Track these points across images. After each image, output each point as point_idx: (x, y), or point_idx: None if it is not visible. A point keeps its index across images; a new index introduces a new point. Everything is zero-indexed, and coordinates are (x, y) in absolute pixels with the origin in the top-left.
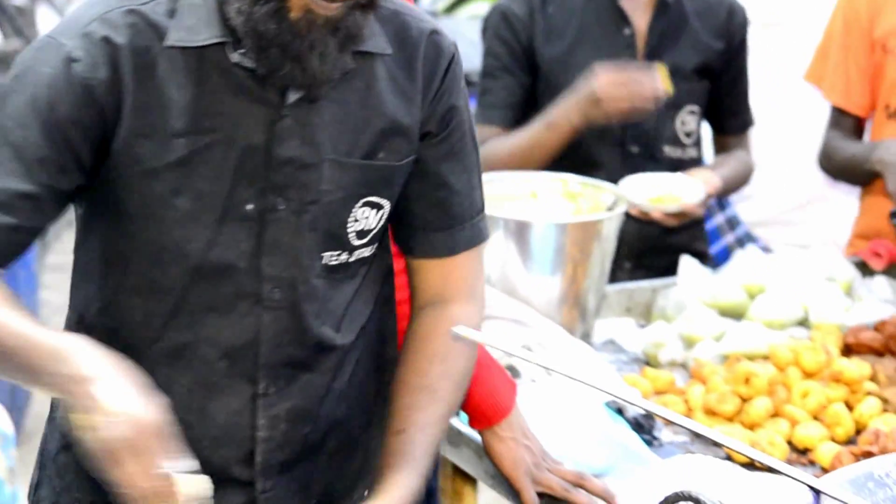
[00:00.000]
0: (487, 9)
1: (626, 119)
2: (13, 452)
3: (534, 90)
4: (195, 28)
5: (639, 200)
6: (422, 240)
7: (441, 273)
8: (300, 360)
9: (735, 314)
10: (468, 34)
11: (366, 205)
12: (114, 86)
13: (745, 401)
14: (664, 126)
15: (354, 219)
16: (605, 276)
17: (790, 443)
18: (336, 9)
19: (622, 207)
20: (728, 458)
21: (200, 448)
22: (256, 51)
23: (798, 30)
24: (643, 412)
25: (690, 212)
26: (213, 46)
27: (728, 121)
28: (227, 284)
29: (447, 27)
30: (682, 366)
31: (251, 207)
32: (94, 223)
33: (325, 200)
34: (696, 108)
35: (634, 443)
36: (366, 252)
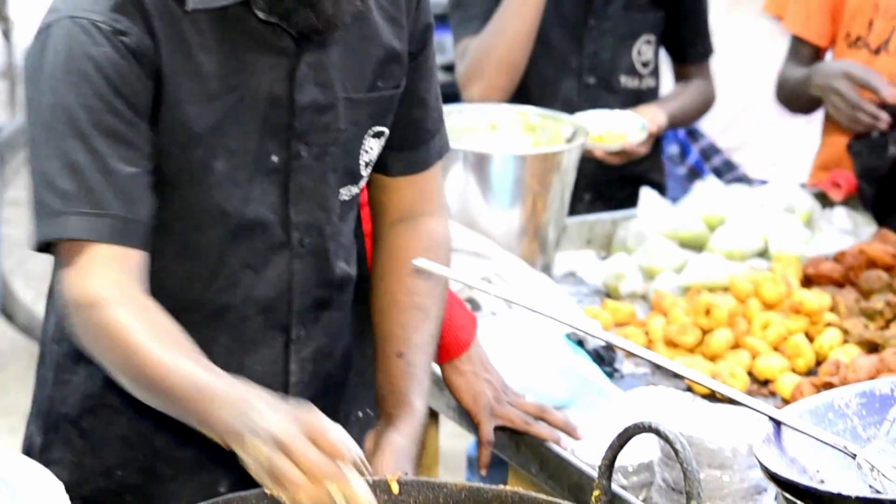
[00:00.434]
0: None
1: None
2: None
3: None
4: None
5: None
6: (400, 158)
7: (415, 188)
8: (325, 300)
9: (695, 246)
10: None
11: (373, 135)
12: (157, 54)
13: (706, 332)
14: (620, 56)
15: (365, 151)
16: (565, 209)
17: (751, 374)
18: None
19: (581, 139)
20: (689, 390)
21: None
22: (272, 1)
23: None
24: (604, 344)
25: (632, 151)
26: (233, 7)
27: (687, 49)
28: (261, 239)
29: None
30: (643, 297)
31: (276, 159)
32: None
33: (342, 139)
34: (653, 38)
35: (595, 375)
36: (364, 182)
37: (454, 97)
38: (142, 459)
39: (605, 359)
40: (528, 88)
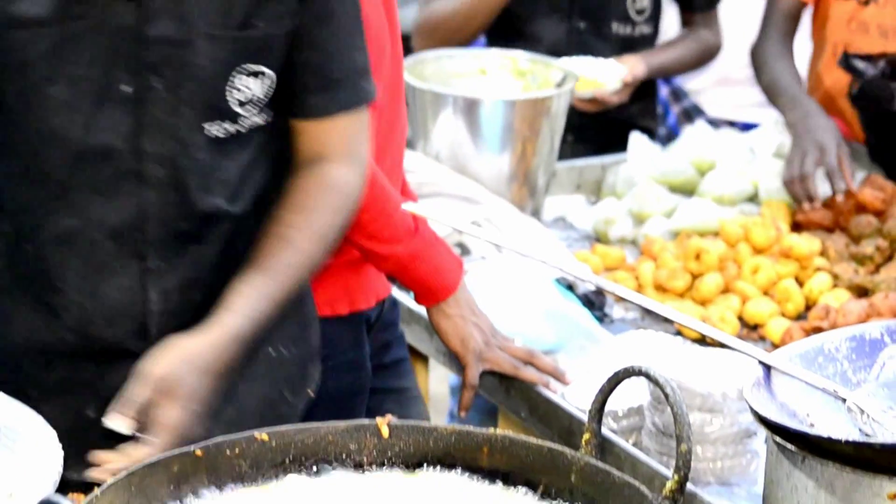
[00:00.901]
0: None
1: None
2: None
3: None
4: None
5: None
6: (299, 102)
7: (318, 134)
8: (188, 233)
9: (685, 190)
10: None
11: (249, 74)
12: None
13: (696, 277)
14: (613, 2)
15: (235, 88)
16: (555, 154)
17: (741, 318)
18: None
19: (571, 84)
20: (679, 334)
21: (94, 326)
22: None
23: None
24: (594, 288)
25: (603, 99)
26: None
27: None
28: (109, 166)
29: None
30: (633, 242)
31: (127, 88)
32: None
33: (201, 75)
34: None
35: (585, 319)
36: (258, 120)
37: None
38: (9, 382)
39: (595, 303)
40: (518, 31)
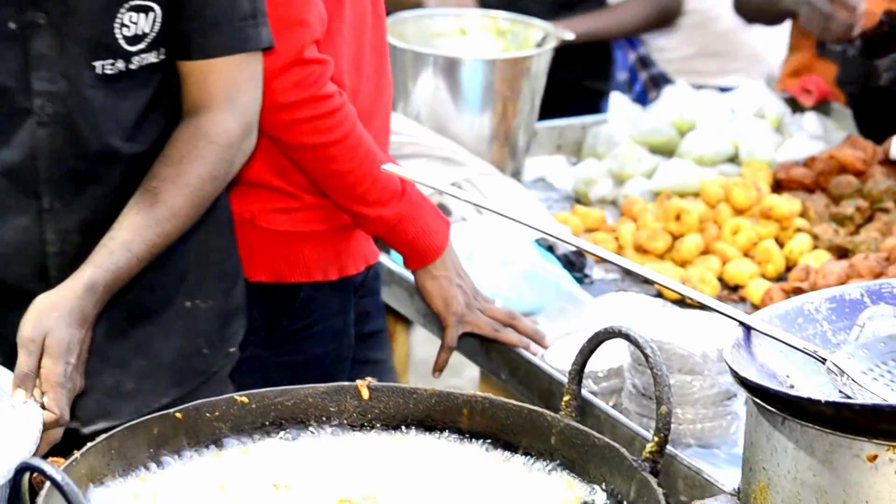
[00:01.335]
0: None
1: None
2: None
3: None
4: None
5: None
6: (183, 42)
7: (199, 79)
8: (83, 173)
9: (665, 151)
10: None
11: (132, 9)
12: None
13: (676, 238)
14: None
15: (122, 24)
16: (535, 114)
17: (721, 279)
18: None
19: (551, 44)
20: (659, 296)
21: None
22: None
23: None
24: (574, 250)
25: None
26: None
27: None
28: (2, 104)
29: None
30: (613, 203)
31: (13, 25)
32: None
33: (85, 10)
34: None
35: (565, 281)
36: (150, 58)
37: None
38: None
39: (576, 264)
40: None
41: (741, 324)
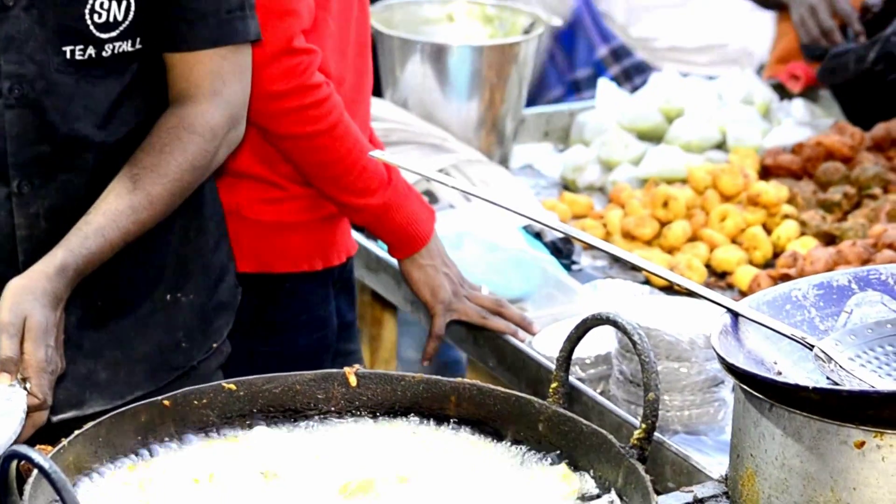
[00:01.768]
0: None
1: None
2: None
3: None
4: None
5: None
6: (167, 33)
7: (184, 70)
8: (52, 158)
9: (653, 137)
10: None
11: None
12: None
13: (664, 224)
14: None
15: (92, 9)
16: (523, 100)
17: (708, 266)
18: None
19: (539, 30)
20: (646, 282)
21: None
22: None
23: None
24: (562, 236)
25: None
26: None
27: None
28: None
29: None
30: (601, 190)
31: None
32: None
33: None
34: None
35: (553, 268)
36: (124, 46)
37: None
38: None
39: (563, 251)
40: None
41: (729, 310)
